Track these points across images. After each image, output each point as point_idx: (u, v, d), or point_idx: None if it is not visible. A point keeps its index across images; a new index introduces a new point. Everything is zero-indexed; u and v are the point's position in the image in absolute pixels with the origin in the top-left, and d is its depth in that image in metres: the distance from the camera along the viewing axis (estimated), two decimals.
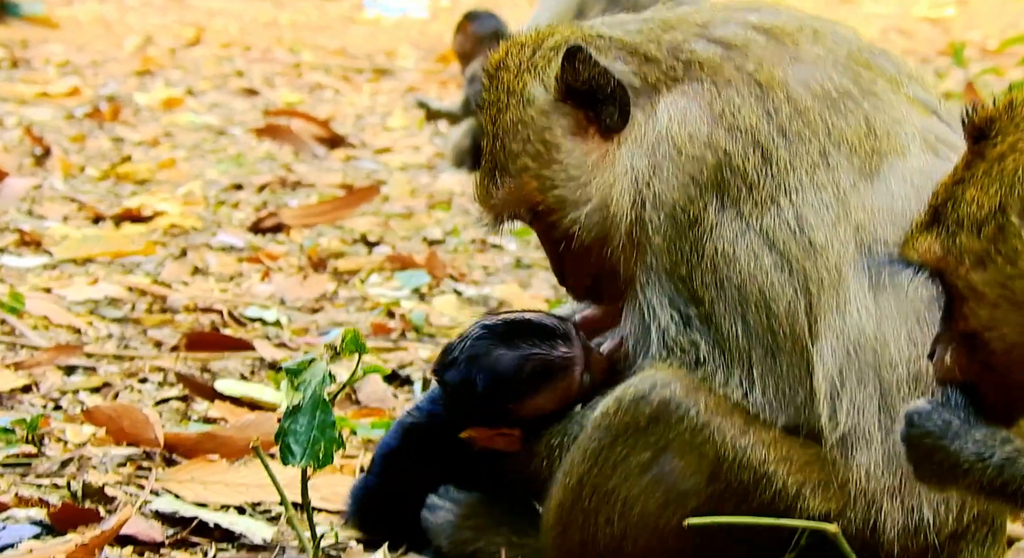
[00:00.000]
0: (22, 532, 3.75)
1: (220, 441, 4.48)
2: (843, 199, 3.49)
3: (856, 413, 3.43)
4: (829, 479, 3.44)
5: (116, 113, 12.12)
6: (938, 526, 3.44)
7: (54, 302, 6.18)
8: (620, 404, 3.48)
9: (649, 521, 3.48)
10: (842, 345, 3.45)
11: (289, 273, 7.17)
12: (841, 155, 3.52)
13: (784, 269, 3.47)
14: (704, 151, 3.53)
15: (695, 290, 3.51)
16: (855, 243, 3.48)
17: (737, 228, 3.50)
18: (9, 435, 4.51)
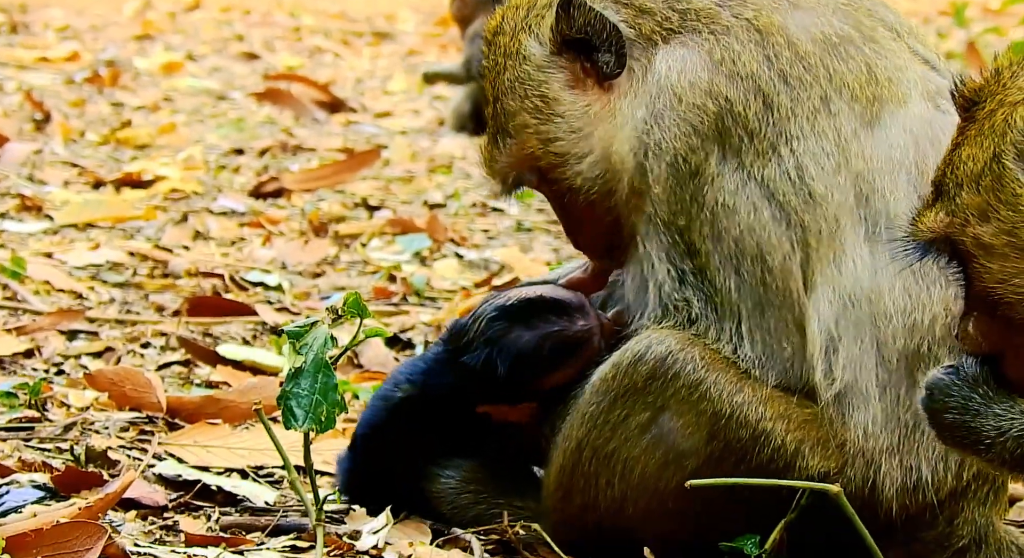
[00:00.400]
0: (26, 496, 3.76)
1: (222, 405, 4.49)
2: (844, 147, 3.47)
3: (853, 368, 3.43)
4: (827, 437, 3.45)
5: (116, 78, 12.09)
6: (937, 484, 3.44)
7: (55, 267, 6.18)
8: (618, 367, 3.49)
9: (649, 482, 3.49)
10: (838, 297, 3.44)
11: (290, 237, 7.17)
12: (842, 101, 3.50)
13: (782, 221, 3.46)
14: (705, 99, 3.51)
15: (692, 241, 3.51)
16: (854, 193, 3.46)
17: (739, 179, 3.49)
18: (12, 400, 4.52)
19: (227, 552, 3.44)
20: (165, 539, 3.65)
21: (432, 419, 3.79)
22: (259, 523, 3.77)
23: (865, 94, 3.51)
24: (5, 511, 3.67)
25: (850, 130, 3.48)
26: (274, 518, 3.79)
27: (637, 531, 3.56)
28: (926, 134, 3.50)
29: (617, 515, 3.54)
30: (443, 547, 3.70)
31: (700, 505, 3.47)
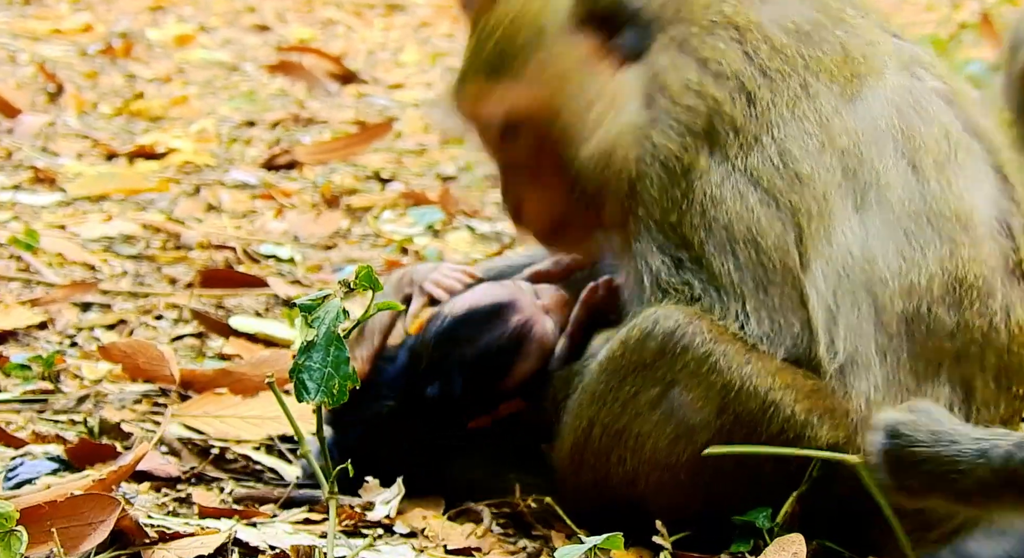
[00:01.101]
0: (39, 468, 3.78)
1: (235, 377, 4.50)
2: (826, 126, 3.51)
3: (853, 337, 3.45)
4: (834, 408, 3.46)
5: (129, 50, 12.08)
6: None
7: (68, 239, 6.19)
8: (626, 344, 3.50)
9: (661, 457, 3.51)
10: (832, 270, 3.47)
11: (303, 210, 7.17)
12: (821, 84, 3.55)
13: (771, 205, 3.49)
14: (697, 100, 3.55)
15: (684, 234, 3.54)
16: (840, 169, 3.50)
17: (724, 171, 3.52)
18: (25, 372, 4.54)
19: (240, 524, 3.45)
20: (178, 511, 3.67)
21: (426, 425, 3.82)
22: (272, 495, 3.79)
23: (843, 73, 3.57)
24: (19, 483, 3.69)
25: (831, 109, 3.53)
26: (287, 489, 3.81)
27: (649, 505, 3.57)
28: (907, 101, 3.56)
29: (629, 490, 3.56)
30: (455, 519, 3.72)
31: (712, 477, 3.49)
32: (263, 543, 3.37)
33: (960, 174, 3.52)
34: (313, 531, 3.56)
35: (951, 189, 3.49)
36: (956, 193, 3.49)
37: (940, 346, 3.45)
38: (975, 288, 3.46)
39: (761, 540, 3.49)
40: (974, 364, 3.49)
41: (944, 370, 3.48)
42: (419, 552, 3.50)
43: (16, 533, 2.97)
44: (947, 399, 3.47)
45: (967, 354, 3.48)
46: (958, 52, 11.40)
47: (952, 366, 3.48)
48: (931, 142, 3.52)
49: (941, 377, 3.48)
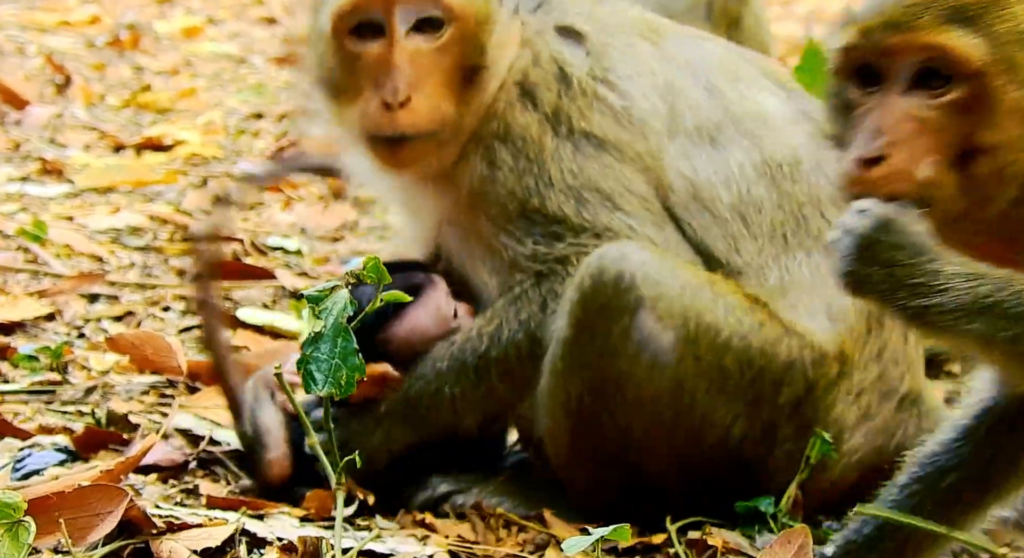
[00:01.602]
0: (47, 459, 3.79)
1: (243, 369, 4.50)
2: (650, 66, 3.82)
3: (710, 240, 3.67)
4: (749, 294, 3.63)
5: (136, 42, 12.08)
6: (848, 310, 3.62)
7: (76, 231, 6.19)
8: (584, 297, 3.54)
9: (644, 393, 3.56)
10: (678, 196, 3.72)
11: (310, 202, 7.17)
12: (636, 37, 3.88)
13: (624, 161, 3.70)
14: (545, 76, 3.77)
15: (552, 213, 3.65)
16: (664, 102, 3.79)
17: (573, 143, 3.70)
18: (33, 363, 4.55)
19: (247, 516, 3.46)
20: (185, 502, 3.67)
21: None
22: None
23: (648, 29, 3.93)
24: (27, 473, 3.70)
25: (648, 52, 3.85)
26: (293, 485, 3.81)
27: (645, 463, 3.62)
28: (691, 45, 3.94)
29: (626, 449, 3.61)
30: (458, 513, 3.73)
31: (691, 404, 3.56)
32: (271, 534, 3.37)
33: (750, 86, 3.86)
34: (320, 523, 3.56)
35: (745, 98, 3.82)
36: (750, 100, 3.82)
37: (774, 219, 3.68)
38: (784, 163, 3.73)
39: (765, 525, 3.51)
40: (818, 221, 3.70)
41: (791, 238, 3.67)
42: (425, 544, 3.49)
43: (24, 524, 2.98)
44: (809, 265, 3.65)
45: (804, 217, 3.69)
46: None
47: (798, 231, 3.68)
48: (718, 67, 3.87)
49: (791, 246, 3.67)
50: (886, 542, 3.04)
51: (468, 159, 3.74)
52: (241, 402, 3.87)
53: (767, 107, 3.84)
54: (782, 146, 3.78)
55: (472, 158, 3.74)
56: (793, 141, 3.79)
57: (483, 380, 3.69)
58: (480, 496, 3.75)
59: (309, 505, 3.62)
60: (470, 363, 3.68)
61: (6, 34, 11.81)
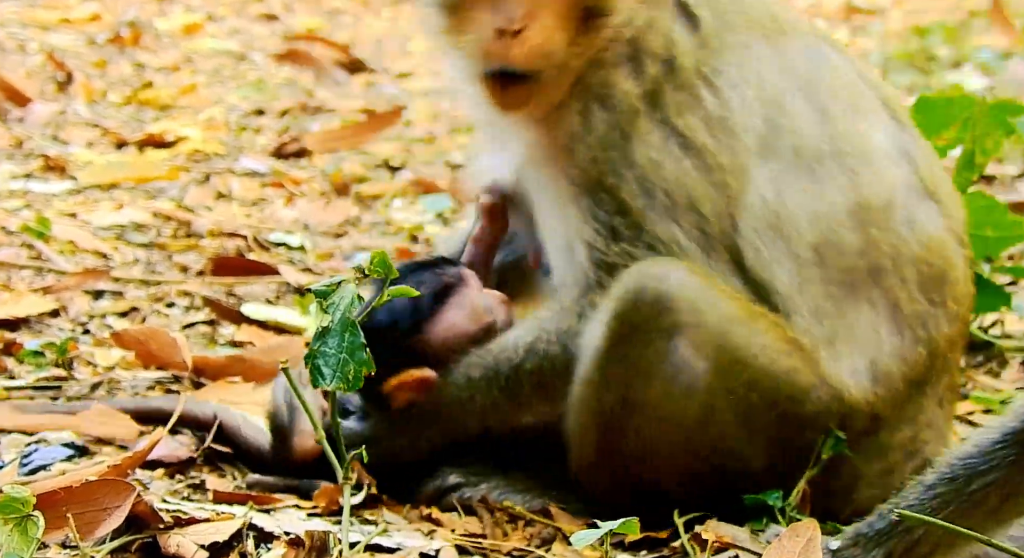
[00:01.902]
0: (54, 454, 3.79)
1: (248, 364, 4.52)
2: (761, 74, 3.67)
3: (774, 273, 3.58)
4: (790, 337, 3.57)
5: (137, 39, 12.08)
6: (889, 371, 3.59)
7: (80, 227, 6.21)
8: (617, 312, 3.50)
9: (673, 417, 3.54)
10: (752, 218, 3.61)
11: (312, 198, 7.18)
12: (752, 37, 3.72)
13: (703, 170, 3.59)
14: (661, 41, 3.65)
15: (622, 200, 3.58)
16: (763, 116, 3.65)
17: (663, 134, 3.60)
18: (39, 359, 4.55)
19: (254, 511, 3.46)
20: (192, 497, 3.67)
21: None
22: (285, 481, 3.79)
23: (771, 30, 3.74)
24: (34, 469, 3.70)
25: (763, 56, 3.69)
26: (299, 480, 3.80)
27: (664, 481, 3.60)
28: (819, 56, 3.77)
29: (647, 466, 3.59)
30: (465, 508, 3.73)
31: (718, 433, 3.54)
32: (278, 529, 3.37)
33: (863, 117, 3.72)
34: (327, 517, 3.56)
35: (855, 130, 3.69)
36: (860, 132, 3.69)
37: (853, 265, 3.60)
38: (877, 208, 3.63)
39: (772, 519, 3.52)
40: (892, 278, 3.62)
41: (861, 289, 3.60)
42: (431, 538, 3.50)
43: (33, 518, 2.98)
44: (870, 320, 3.59)
45: (881, 268, 3.61)
46: (968, 39, 11.39)
47: (868, 284, 3.60)
48: (839, 89, 3.72)
49: (859, 297, 3.60)
50: (896, 539, 3.03)
51: (568, 107, 3.65)
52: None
53: (875, 142, 3.71)
54: (880, 188, 3.66)
55: (571, 107, 3.64)
56: (892, 184, 3.68)
57: (516, 391, 3.65)
58: (487, 490, 3.75)
59: (318, 502, 3.62)
60: (504, 373, 3.65)
61: (7, 31, 11.81)
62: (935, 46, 11.25)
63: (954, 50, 11.07)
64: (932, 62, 10.88)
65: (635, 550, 3.55)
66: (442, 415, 3.70)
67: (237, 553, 3.27)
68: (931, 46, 11.23)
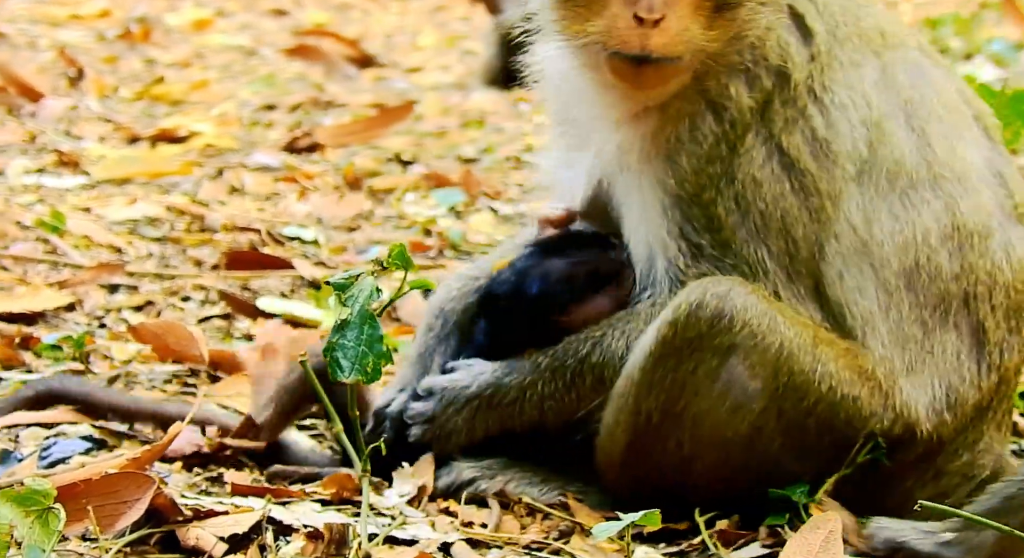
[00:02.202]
0: (73, 447, 3.80)
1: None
2: (868, 97, 3.60)
3: (858, 299, 3.54)
4: (862, 365, 3.52)
5: (147, 34, 12.10)
6: (961, 398, 3.55)
7: (94, 221, 6.21)
8: (677, 322, 3.47)
9: (718, 434, 3.52)
10: (840, 244, 3.56)
11: (325, 192, 7.17)
12: (865, 55, 3.64)
13: (800, 193, 3.55)
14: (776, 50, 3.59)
15: (714, 217, 3.56)
16: (865, 140, 3.58)
17: (766, 151, 3.56)
18: (57, 352, 4.56)
19: (273, 504, 3.46)
20: (211, 490, 3.68)
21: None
22: (306, 471, 3.79)
23: (878, 47, 3.66)
24: (53, 462, 3.71)
25: (871, 81, 3.62)
26: (320, 468, 3.81)
27: (697, 487, 3.58)
28: (920, 73, 3.69)
29: (682, 473, 3.57)
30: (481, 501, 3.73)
31: (764, 453, 3.52)
32: (296, 521, 3.37)
33: (960, 137, 3.66)
34: (344, 510, 3.56)
35: (953, 153, 3.62)
36: (958, 155, 3.63)
37: (946, 290, 3.56)
38: (975, 232, 3.58)
39: (796, 515, 3.50)
40: (983, 304, 3.58)
41: (951, 315, 3.56)
42: (447, 531, 3.49)
43: (54, 511, 2.99)
44: (955, 346, 3.56)
45: (975, 294, 3.57)
46: (980, 31, 11.36)
47: (960, 309, 3.57)
48: (940, 110, 3.65)
49: (948, 323, 3.56)
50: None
51: (678, 110, 3.61)
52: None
53: (971, 164, 3.65)
54: (978, 212, 3.61)
55: (682, 111, 3.61)
56: (988, 208, 3.62)
57: (576, 384, 3.64)
58: (503, 483, 3.74)
59: (327, 488, 3.62)
60: (569, 365, 3.64)
61: (18, 28, 11.83)
62: (947, 38, 11.21)
63: (966, 42, 11.04)
64: (944, 54, 10.85)
65: (654, 542, 3.54)
66: (500, 399, 3.69)
67: (256, 546, 3.27)
68: (943, 38, 11.19)
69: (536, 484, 3.74)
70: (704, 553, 3.51)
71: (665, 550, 3.51)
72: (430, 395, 3.72)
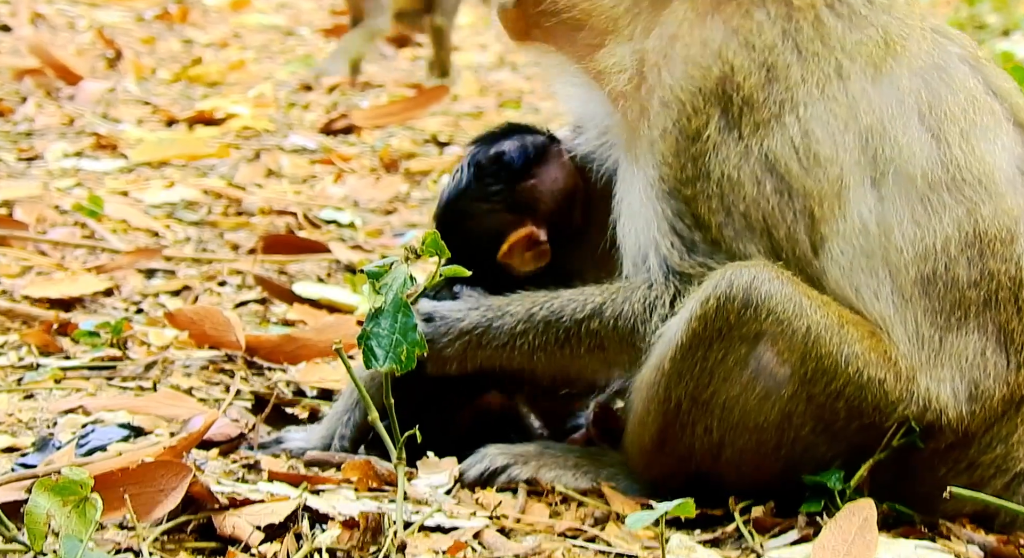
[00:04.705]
0: (111, 434, 3.81)
1: (300, 344, 4.53)
2: (853, 106, 3.56)
3: (873, 303, 3.51)
4: (886, 351, 3.51)
5: (185, 15, 12.13)
6: (985, 394, 3.52)
7: (132, 205, 6.24)
8: (705, 314, 3.47)
9: (749, 420, 3.52)
10: (849, 246, 3.53)
11: (362, 174, 7.18)
12: (856, 66, 3.59)
13: (784, 193, 3.53)
14: (711, 60, 3.56)
15: (701, 214, 3.54)
16: (860, 148, 3.54)
17: (739, 151, 3.54)
18: (94, 339, 4.58)
19: (308, 492, 3.47)
20: (247, 477, 3.68)
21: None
22: (337, 461, 3.80)
23: (880, 54, 3.61)
24: (90, 450, 3.72)
25: (860, 89, 3.57)
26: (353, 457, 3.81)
27: (728, 474, 3.58)
28: (936, 72, 3.62)
29: (712, 460, 3.56)
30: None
31: (795, 437, 3.51)
32: (332, 510, 3.38)
33: (983, 137, 3.60)
34: (380, 497, 3.57)
35: (973, 154, 3.56)
36: (978, 156, 3.57)
37: (963, 297, 3.52)
38: (997, 239, 3.54)
39: (831, 502, 3.49)
40: (1007, 307, 3.54)
41: (971, 318, 3.53)
42: (481, 519, 3.50)
43: (91, 500, 3.00)
44: (977, 346, 3.53)
45: (996, 299, 3.53)
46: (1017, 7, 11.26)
47: (981, 313, 3.53)
48: (956, 110, 3.60)
49: (968, 325, 3.52)
50: None
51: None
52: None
53: (997, 166, 3.58)
54: (1001, 216, 3.55)
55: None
56: (1014, 213, 3.57)
57: (568, 344, 3.66)
58: (535, 469, 3.74)
59: (348, 474, 3.63)
60: (564, 323, 3.65)
61: (57, 8, 11.87)
62: (984, 14, 11.12)
63: (1003, 18, 10.94)
64: (982, 30, 10.76)
65: (689, 529, 3.54)
66: (492, 339, 3.70)
67: (292, 534, 3.28)
68: (980, 14, 11.11)
69: (569, 469, 3.74)
70: (739, 540, 3.50)
71: (700, 537, 3.50)
72: (429, 320, 3.73)
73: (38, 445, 3.74)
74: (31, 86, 8.56)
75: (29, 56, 9.24)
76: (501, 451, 3.76)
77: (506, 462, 3.74)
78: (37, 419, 3.95)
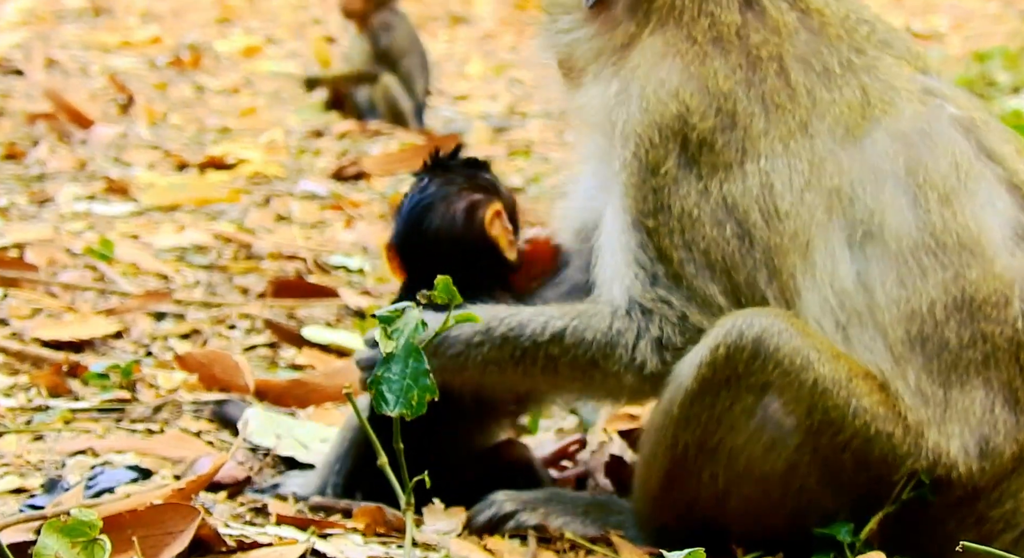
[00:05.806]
0: (119, 477, 3.82)
1: (310, 388, 4.54)
2: (816, 166, 3.55)
3: (868, 355, 3.50)
4: (894, 404, 3.49)
5: (197, 61, 12.21)
6: (995, 449, 3.50)
7: (142, 249, 6.25)
8: (715, 358, 3.47)
9: (754, 468, 3.51)
10: (827, 300, 3.52)
11: (371, 221, 7.20)
12: (824, 125, 3.58)
13: (744, 239, 3.53)
14: (668, 99, 3.58)
15: (663, 248, 3.55)
16: (824, 208, 3.52)
17: (699, 190, 3.54)
18: (104, 381, 4.59)
19: (315, 536, 3.46)
20: (255, 521, 3.68)
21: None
22: (342, 507, 3.79)
23: (855, 116, 3.59)
24: (99, 491, 3.72)
25: (826, 150, 3.56)
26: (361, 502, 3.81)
27: (733, 522, 3.57)
28: (919, 138, 3.59)
29: (717, 508, 3.55)
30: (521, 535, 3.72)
31: (800, 489, 3.50)
32: (339, 554, 3.37)
33: (969, 202, 3.56)
34: (387, 542, 3.56)
35: (955, 219, 3.53)
36: (961, 222, 3.53)
37: (959, 357, 3.50)
38: (988, 302, 3.50)
39: (840, 555, 3.48)
40: (1009, 368, 3.52)
41: (973, 376, 3.50)
42: None
43: (100, 542, 2.99)
44: (984, 401, 3.51)
45: (995, 359, 3.51)
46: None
47: (982, 370, 3.51)
48: (936, 175, 3.56)
49: (972, 382, 3.50)
50: None
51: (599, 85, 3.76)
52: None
53: (987, 227, 3.53)
54: (992, 279, 3.51)
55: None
56: (1008, 273, 3.52)
57: (525, 364, 3.65)
58: (544, 516, 3.73)
59: (359, 521, 3.62)
60: (523, 343, 3.64)
61: (70, 54, 11.95)
62: (995, 72, 11.17)
63: (1014, 76, 10.99)
64: (992, 88, 10.80)
65: None
66: (446, 349, 3.68)
67: None
68: (991, 72, 11.15)
69: (578, 516, 3.73)
70: None
71: None
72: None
73: (47, 486, 3.74)
74: (44, 130, 8.61)
75: (42, 100, 9.31)
76: (509, 497, 3.75)
77: (514, 508, 3.73)
78: (46, 461, 3.95)
